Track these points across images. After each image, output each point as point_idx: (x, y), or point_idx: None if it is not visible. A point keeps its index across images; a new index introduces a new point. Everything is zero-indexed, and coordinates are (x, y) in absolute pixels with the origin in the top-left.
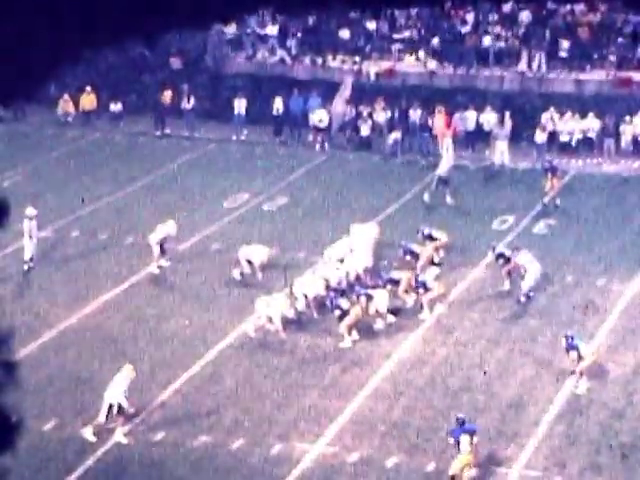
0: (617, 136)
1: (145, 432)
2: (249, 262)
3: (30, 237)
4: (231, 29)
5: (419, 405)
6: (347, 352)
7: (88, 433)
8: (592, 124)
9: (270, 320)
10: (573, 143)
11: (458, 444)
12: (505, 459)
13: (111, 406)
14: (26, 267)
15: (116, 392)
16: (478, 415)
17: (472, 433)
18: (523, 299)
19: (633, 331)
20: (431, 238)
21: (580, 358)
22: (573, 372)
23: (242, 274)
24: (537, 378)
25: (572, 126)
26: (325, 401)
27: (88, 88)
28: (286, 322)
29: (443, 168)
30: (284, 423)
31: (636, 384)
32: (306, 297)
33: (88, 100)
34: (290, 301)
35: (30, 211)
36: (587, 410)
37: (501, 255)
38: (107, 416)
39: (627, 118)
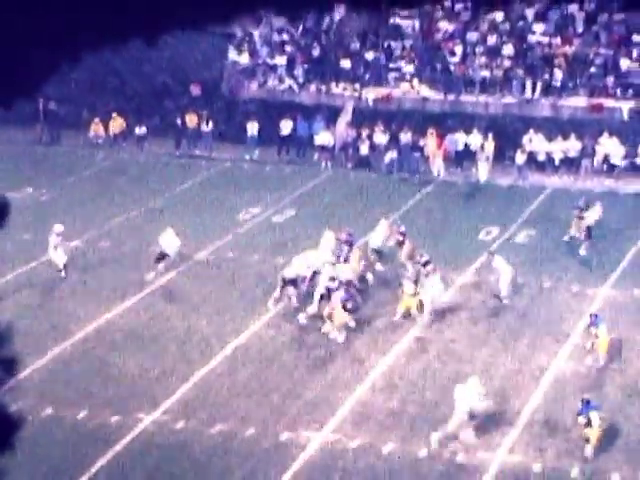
0: (593, 156)
1: (167, 421)
2: (292, 281)
3: (55, 249)
4: (244, 60)
5: (413, 397)
6: (348, 349)
7: (434, 440)
8: (574, 145)
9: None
10: (556, 162)
11: (589, 421)
12: (490, 445)
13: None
14: (63, 274)
15: (468, 402)
16: None
17: (599, 409)
18: (506, 301)
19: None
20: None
21: (596, 336)
22: (584, 346)
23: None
24: (519, 373)
25: (548, 147)
26: (328, 393)
27: (114, 114)
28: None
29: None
30: (292, 413)
31: (606, 378)
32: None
33: (116, 124)
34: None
35: (58, 228)
36: (562, 401)
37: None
38: (458, 426)
39: (599, 140)
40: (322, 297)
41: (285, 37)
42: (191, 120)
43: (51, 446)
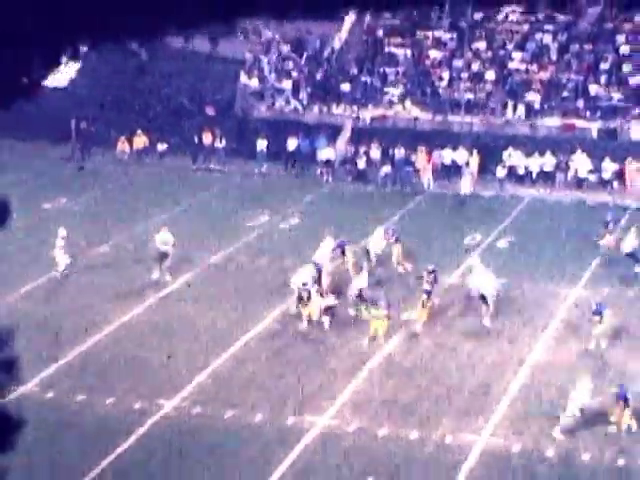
0: (566, 170)
1: (185, 407)
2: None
3: (62, 251)
4: (254, 83)
5: (405, 385)
6: (347, 343)
7: (556, 432)
8: (549, 160)
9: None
10: (533, 176)
11: (626, 400)
12: (474, 429)
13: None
14: (67, 272)
15: (582, 397)
16: (453, 393)
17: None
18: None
19: (577, 325)
20: (397, 241)
21: (600, 322)
22: (595, 323)
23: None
24: (500, 364)
25: (526, 162)
26: (329, 383)
27: (139, 131)
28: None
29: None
30: (297, 400)
31: (579, 368)
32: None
33: (140, 141)
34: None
35: (62, 232)
36: (540, 390)
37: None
38: (573, 420)
39: (572, 156)
40: (301, 299)
41: (291, 64)
42: (207, 137)
43: (83, 428)
